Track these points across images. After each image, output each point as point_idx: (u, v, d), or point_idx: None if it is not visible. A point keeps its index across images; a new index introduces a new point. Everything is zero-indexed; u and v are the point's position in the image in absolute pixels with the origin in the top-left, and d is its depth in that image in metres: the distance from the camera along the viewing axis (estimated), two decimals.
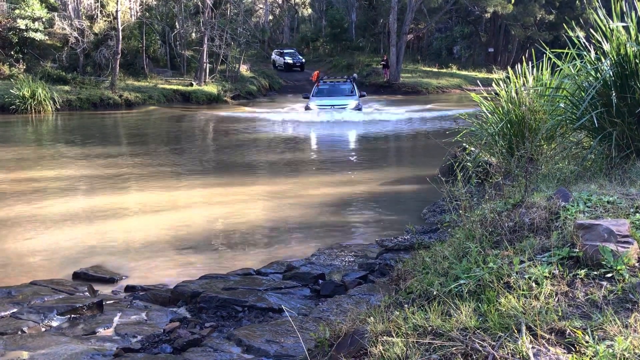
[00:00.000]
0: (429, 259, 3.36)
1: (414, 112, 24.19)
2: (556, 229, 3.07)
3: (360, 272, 5.10)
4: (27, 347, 3.76)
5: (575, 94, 5.59)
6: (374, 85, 39.70)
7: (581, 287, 2.46)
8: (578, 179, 4.55)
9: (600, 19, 5.14)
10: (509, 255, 2.86)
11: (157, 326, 4.16)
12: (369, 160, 13.48)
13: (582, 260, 2.64)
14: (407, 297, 2.97)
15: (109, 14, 31.22)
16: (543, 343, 2.07)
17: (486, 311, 2.37)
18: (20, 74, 26.59)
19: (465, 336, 2.20)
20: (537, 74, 6.99)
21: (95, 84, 28.62)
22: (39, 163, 12.23)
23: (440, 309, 2.51)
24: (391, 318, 2.54)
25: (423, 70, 45.34)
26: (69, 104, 25.42)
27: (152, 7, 35.62)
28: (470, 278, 2.73)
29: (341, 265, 5.49)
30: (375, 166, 12.46)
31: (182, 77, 33.83)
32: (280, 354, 3.27)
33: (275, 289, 4.77)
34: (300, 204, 8.82)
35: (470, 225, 3.58)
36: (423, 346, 2.20)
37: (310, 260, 5.67)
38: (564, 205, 3.32)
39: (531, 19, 43.43)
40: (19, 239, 7.06)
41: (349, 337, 2.58)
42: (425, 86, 39.59)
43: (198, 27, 34.12)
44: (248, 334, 3.57)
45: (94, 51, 30.39)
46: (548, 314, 2.25)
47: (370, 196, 9.37)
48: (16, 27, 28.30)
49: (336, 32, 48.98)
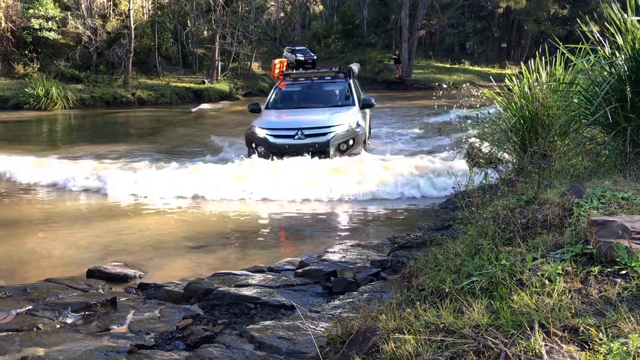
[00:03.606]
0: (441, 256, 3.35)
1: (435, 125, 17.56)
2: (569, 225, 3.04)
3: (372, 269, 5.08)
4: (43, 343, 3.80)
5: (589, 90, 5.53)
6: (385, 82, 39.67)
7: (595, 284, 2.44)
8: (592, 175, 4.51)
9: (614, 13, 5.08)
10: (521, 252, 2.85)
11: (170, 323, 4.19)
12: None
13: (595, 257, 2.61)
14: (419, 294, 2.96)
15: (121, 13, 31.42)
16: (556, 340, 2.06)
17: (498, 308, 2.36)
18: (34, 72, 26.85)
19: (477, 333, 2.18)
20: (550, 70, 6.93)
21: (108, 82, 28.85)
22: (54, 161, 12.30)
23: (452, 306, 2.50)
24: (403, 315, 2.53)
25: (435, 66, 45.18)
26: (82, 102, 25.64)
27: (164, 5, 35.80)
28: (483, 275, 2.71)
29: (353, 262, 5.48)
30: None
31: (194, 75, 33.97)
32: (292, 351, 3.27)
33: (288, 286, 4.78)
34: (312, 201, 8.82)
35: (483, 222, 3.56)
36: (435, 343, 2.19)
37: (322, 258, 5.67)
38: (577, 201, 3.29)
39: (544, 13, 43.07)
40: (34, 237, 7.13)
41: (360, 334, 2.58)
42: (438, 82, 39.41)
43: (210, 25, 34.24)
44: (260, 330, 3.58)
45: (107, 50, 30.61)
46: (561, 311, 2.23)
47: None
48: (30, 27, 28.57)
49: (348, 29, 48.93)
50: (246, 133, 11.10)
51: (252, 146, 10.71)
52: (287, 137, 10.47)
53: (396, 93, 33.91)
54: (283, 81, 12.65)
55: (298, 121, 10.85)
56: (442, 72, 42.64)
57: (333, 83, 12.38)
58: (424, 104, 25.88)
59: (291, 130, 10.54)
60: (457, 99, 12.37)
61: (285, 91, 12.44)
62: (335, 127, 10.59)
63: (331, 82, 12.40)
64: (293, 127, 10.58)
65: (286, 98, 12.28)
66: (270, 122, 11.08)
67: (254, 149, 10.65)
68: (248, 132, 11.03)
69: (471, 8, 48.12)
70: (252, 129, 10.89)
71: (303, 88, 12.54)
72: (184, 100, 29.25)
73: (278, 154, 10.30)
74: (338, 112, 11.18)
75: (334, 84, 12.37)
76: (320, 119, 10.76)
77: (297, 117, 11.11)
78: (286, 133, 10.58)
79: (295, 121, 10.90)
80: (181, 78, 32.78)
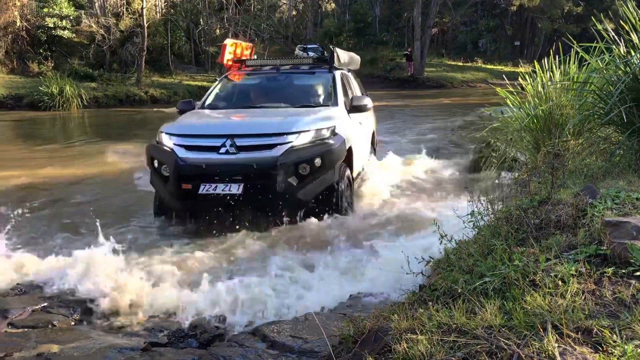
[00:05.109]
0: (453, 256, 3.34)
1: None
2: (583, 226, 3.03)
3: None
4: (58, 340, 3.85)
5: (603, 89, 5.49)
6: (397, 80, 39.61)
7: (609, 285, 2.43)
8: (606, 175, 4.47)
9: (630, 10, 5.04)
10: (534, 253, 2.84)
11: (183, 321, 4.22)
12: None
13: (609, 258, 2.60)
14: (431, 294, 2.96)
15: (134, 11, 31.60)
16: (569, 342, 2.05)
17: (511, 309, 2.35)
18: (48, 71, 27.09)
19: (490, 334, 2.18)
20: (564, 68, 6.88)
21: (122, 80, 29.09)
22: (76, 159, 12.39)
23: (464, 306, 2.50)
24: (415, 315, 2.53)
25: (448, 64, 45.05)
26: (95, 100, 25.85)
27: (177, 3, 35.99)
28: (496, 276, 2.71)
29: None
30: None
31: (206, 73, 34.15)
32: (305, 350, 3.29)
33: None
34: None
35: (496, 222, 3.55)
36: (447, 344, 2.19)
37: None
38: (591, 202, 3.27)
39: (558, 11, 42.79)
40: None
41: (373, 334, 2.58)
42: (450, 80, 39.31)
43: (222, 23, 34.37)
44: (273, 329, 3.59)
45: (120, 48, 30.85)
46: (574, 313, 2.22)
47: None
48: (45, 26, 28.86)
49: (360, 27, 48.88)
50: (147, 146, 6.81)
51: (154, 167, 6.49)
52: (206, 150, 6.22)
53: (408, 91, 33.81)
54: (237, 71, 8.66)
55: (229, 124, 6.77)
56: (455, 70, 42.52)
57: (310, 75, 8.23)
58: (440, 103, 25.68)
59: (215, 139, 6.23)
60: (472, 97, 12.09)
61: (236, 85, 8.43)
62: (292, 136, 6.21)
63: (307, 74, 8.27)
64: (219, 134, 6.29)
65: (235, 94, 8.21)
66: (184, 125, 6.76)
67: (158, 174, 6.46)
68: (150, 144, 6.80)
69: (484, 6, 47.91)
70: (158, 138, 6.66)
71: (263, 81, 8.36)
72: (196, 99, 29.37)
73: (192, 180, 6.07)
74: (305, 113, 6.89)
75: (311, 76, 8.21)
76: (269, 122, 6.64)
77: (230, 119, 7.13)
78: (206, 143, 6.28)
79: (225, 124, 6.81)
80: (193, 76, 32.96)
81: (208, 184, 6.01)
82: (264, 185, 6.02)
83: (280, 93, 7.99)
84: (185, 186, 6.13)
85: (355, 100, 7.74)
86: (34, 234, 6.45)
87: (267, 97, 7.87)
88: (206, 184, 6.00)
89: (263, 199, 6.07)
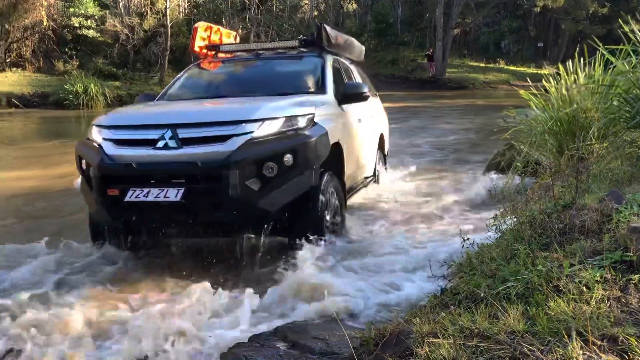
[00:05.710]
0: (475, 260, 3.33)
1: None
2: (608, 231, 2.99)
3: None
4: None
5: (629, 92, 5.42)
6: (419, 81, 39.45)
7: (635, 292, 2.40)
8: (632, 180, 4.42)
9: None
10: (558, 258, 2.81)
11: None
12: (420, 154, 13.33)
13: (635, 264, 2.57)
14: (453, 298, 2.95)
15: (158, 11, 31.96)
16: (594, 349, 2.03)
17: (535, 315, 2.34)
18: (73, 70, 27.52)
19: (513, 340, 2.17)
20: (588, 71, 6.80)
21: (145, 79, 29.44)
22: None
23: (487, 311, 2.49)
24: (437, 319, 2.53)
25: (470, 65, 44.75)
26: (119, 99, 26.19)
27: (200, 4, 36.31)
28: (519, 280, 2.69)
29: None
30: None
31: None
32: (325, 351, 3.29)
33: None
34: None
35: (519, 227, 3.53)
36: (470, 349, 2.18)
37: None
38: (616, 207, 3.23)
39: (583, 12, 42.24)
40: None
41: (394, 337, 2.59)
42: (472, 81, 39.04)
43: (244, 23, 34.56)
44: (294, 330, 3.61)
45: (144, 47, 31.23)
46: (599, 320, 2.20)
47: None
48: (70, 25, 29.34)
49: (381, 27, 48.78)
50: (76, 144, 5.28)
51: (82, 169, 5.08)
52: (141, 145, 4.79)
53: (429, 92, 33.66)
54: (212, 60, 7.32)
55: (171, 112, 5.26)
56: (477, 71, 42.21)
57: (296, 61, 6.85)
58: (461, 104, 25.51)
59: (152, 130, 4.79)
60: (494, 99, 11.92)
61: (206, 73, 7.16)
62: (251, 124, 4.67)
63: (292, 60, 6.90)
64: (157, 124, 4.84)
65: (203, 84, 6.87)
66: (117, 115, 5.38)
67: (86, 178, 5.03)
68: (80, 140, 5.32)
69: (507, 6, 47.50)
70: (88, 132, 5.26)
71: (239, 69, 7.06)
72: None
73: (119, 184, 4.67)
74: (275, 99, 5.32)
75: (297, 61, 6.84)
76: (222, 108, 5.36)
77: (176, 107, 5.61)
78: (141, 135, 4.84)
79: (167, 112, 5.30)
80: None
81: (138, 189, 4.53)
82: (212, 190, 4.50)
83: (256, 82, 6.54)
84: (112, 192, 4.67)
85: (348, 87, 6.14)
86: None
87: (240, 87, 6.41)
88: (136, 189, 4.53)
89: (210, 208, 4.55)
